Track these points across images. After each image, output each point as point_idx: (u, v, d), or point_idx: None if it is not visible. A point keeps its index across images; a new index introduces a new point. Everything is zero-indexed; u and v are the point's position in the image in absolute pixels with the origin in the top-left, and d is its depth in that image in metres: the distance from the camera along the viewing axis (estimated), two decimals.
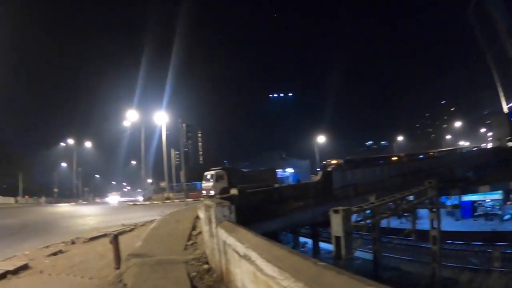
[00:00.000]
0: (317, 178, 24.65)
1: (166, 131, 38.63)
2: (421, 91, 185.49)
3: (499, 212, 41.80)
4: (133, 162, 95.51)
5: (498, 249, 23.71)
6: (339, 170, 28.80)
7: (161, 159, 40.33)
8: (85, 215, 25.47)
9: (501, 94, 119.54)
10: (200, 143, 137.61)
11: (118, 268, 7.20)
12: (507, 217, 40.43)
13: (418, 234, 22.00)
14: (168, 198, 41.20)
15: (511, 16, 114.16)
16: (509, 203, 42.34)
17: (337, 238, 13.53)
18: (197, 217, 12.71)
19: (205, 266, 6.55)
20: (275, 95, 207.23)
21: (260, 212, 17.06)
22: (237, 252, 4.12)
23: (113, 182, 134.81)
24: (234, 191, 17.62)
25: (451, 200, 39.59)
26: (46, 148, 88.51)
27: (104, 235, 12.42)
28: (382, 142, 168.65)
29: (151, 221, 16.73)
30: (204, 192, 33.46)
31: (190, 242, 9.08)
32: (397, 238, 24.20)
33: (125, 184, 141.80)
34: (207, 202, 6.75)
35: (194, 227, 11.27)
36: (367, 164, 40.87)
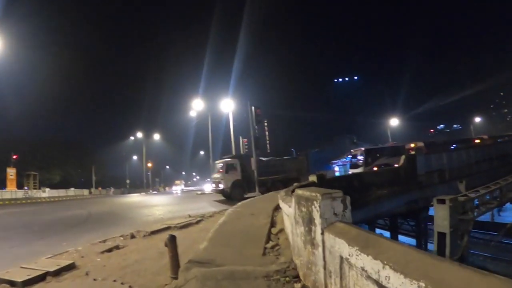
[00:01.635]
0: (400, 162, 21.95)
1: (234, 119, 37.32)
2: (494, 67, 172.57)
3: None
4: (201, 152, 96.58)
5: None
6: (422, 154, 25.85)
7: (229, 147, 38.91)
8: (152, 205, 25.07)
9: None
10: (266, 132, 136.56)
11: (175, 277, 5.45)
12: None
13: None
14: None
15: None
16: None
17: (441, 235, 11.48)
18: (276, 209, 10.86)
19: (297, 286, 4.48)
20: (340, 79, 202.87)
21: None
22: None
23: (183, 173, 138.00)
24: (313, 178, 15.50)
25: None
26: (118, 142, 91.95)
27: (168, 228, 11.65)
28: (454, 126, 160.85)
29: (220, 212, 15.50)
30: (213, 185, 29.08)
31: (270, 244, 6.85)
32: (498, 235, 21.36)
33: (194, 174, 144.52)
34: (301, 192, 4.55)
35: (273, 223, 9.12)
36: (451, 147, 37.47)
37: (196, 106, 44.70)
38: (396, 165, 27.90)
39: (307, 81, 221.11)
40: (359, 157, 34.87)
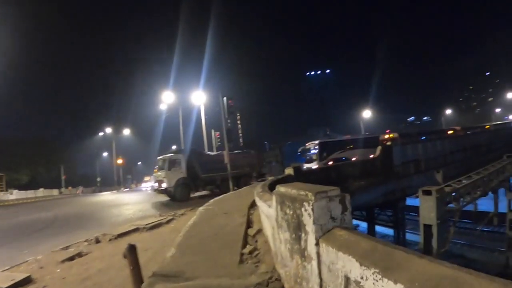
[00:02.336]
0: (376, 153, 21.62)
1: (206, 112, 36.20)
2: (464, 64, 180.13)
3: None
4: (174, 147, 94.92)
5: None
6: (399, 144, 25.63)
7: (202, 141, 37.83)
8: (122, 204, 24.16)
9: None
10: (239, 125, 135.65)
11: None
12: None
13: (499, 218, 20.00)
14: None
15: None
16: None
17: (427, 227, 11.21)
18: (251, 206, 10.05)
19: None
20: (312, 72, 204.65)
21: None
22: None
23: (155, 168, 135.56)
24: (289, 171, 14.80)
25: None
26: (87, 139, 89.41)
27: (136, 229, 11.04)
28: (424, 118, 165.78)
29: (192, 210, 14.62)
30: (155, 184, 25.75)
31: (248, 249, 5.95)
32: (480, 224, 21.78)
33: None
34: (284, 189, 3.68)
35: (249, 223, 8.24)
36: (425, 138, 37.54)
37: (166, 98, 42.95)
38: (353, 159, 28.31)
39: (280, 75, 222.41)
40: (312, 151, 34.37)
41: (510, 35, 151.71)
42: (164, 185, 23.45)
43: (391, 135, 41.44)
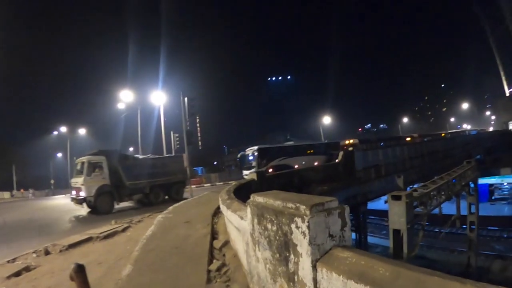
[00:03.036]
0: (338, 158, 21.59)
1: (166, 114, 35.00)
2: (420, 75, 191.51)
3: None
4: (131, 149, 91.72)
5: None
6: (360, 150, 25.82)
7: (161, 143, 36.58)
8: (75, 209, 21.51)
9: (503, 78, 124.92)
10: (198, 128, 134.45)
11: None
12: None
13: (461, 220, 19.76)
14: None
15: None
16: None
17: (396, 232, 10.99)
18: (215, 214, 9.39)
19: None
20: (274, 78, 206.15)
21: None
22: None
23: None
24: (253, 175, 14.25)
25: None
26: (41, 138, 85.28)
27: (89, 239, 10.07)
28: (381, 125, 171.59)
29: (150, 216, 13.79)
30: (73, 192, 21.33)
31: (215, 265, 5.19)
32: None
33: None
34: (263, 199, 3.00)
35: (214, 233, 7.49)
36: (384, 144, 38.14)
37: (125, 97, 40.13)
38: (296, 167, 28.03)
39: (242, 79, 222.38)
40: (250, 157, 32.80)
41: (464, 50, 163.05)
42: (82, 194, 19.65)
43: (351, 141, 42.14)
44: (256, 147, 31.71)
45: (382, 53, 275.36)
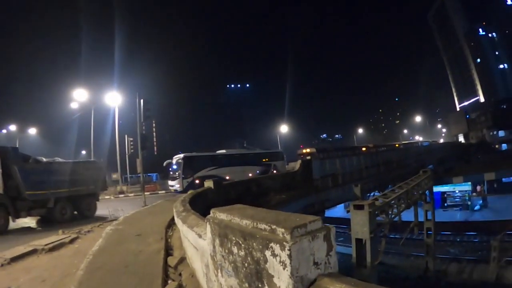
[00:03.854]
0: (296, 167, 21.49)
1: (121, 117, 33.64)
2: (375, 89, 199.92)
3: (468, 203, 43.02)
4: (83, 152, 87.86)
5: (497, 238, 22.07)
6: (318, 159, 25.80)
7: (115, 146, 35.04)
8: None
9: (455, 94, 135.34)
10: (154, 132, 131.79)
11: None
12: (477, 207, 41.95)
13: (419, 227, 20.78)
14: (121, 192, 36.14)
15: (470, 22, 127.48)
16: (474, 194, 45.10)
17: (359, 241, 11.06)
18: (169, 226, 8.72)
19: None
20: (232, 85, 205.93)
21: None
22: None
23: None
24: (209, 184, 13.68)
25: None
26: None
27: (34, 251, 9.05)
28: (336, 136, 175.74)
29: (100, 226, 12.88)
30: None
31: (171, 286, 4.53)
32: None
33: None
34: (227, 217, 2.41)
35: (168, 248, 6.80)
36: (341, 153, 38.45)
37: (79, 96, 37.63)
38: (227, 178, 27.47)
39: (201, 85, 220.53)
40: (174, 166, 30.30)
41: (419, 66, 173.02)
42: None
43: (308, 150, 42.17)
44: (181, 155, 29.11)
45: (339, 66, 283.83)
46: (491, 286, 19.82)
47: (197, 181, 26.90)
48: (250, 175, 26.52)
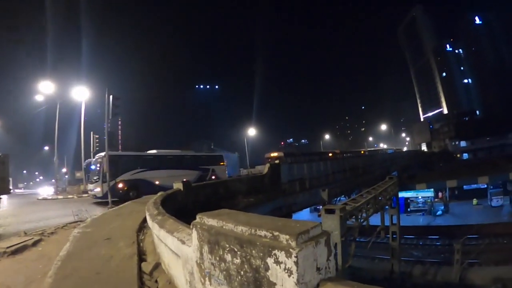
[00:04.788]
0: (264, 170, 21.44)
1: (87, 112, 32.29)
2: (343, 96, 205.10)
3: (431, 208, 45.07)
4: (46, 148, 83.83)
5: (459, 242, 22.91)
6: (286, 163, 25.89)
7: (85, 143, 33.44)
8: None
9: (419, 106, 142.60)
10: (120, 130, 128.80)
11: None
12: (439, 212, 44.01)
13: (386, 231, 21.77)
14: (85, 192, 33.26)
15: (438, 38, 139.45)
16: (436, 200, 47.00)
17: None
18: (141, 229, 8.37)
19: None
20: (201, 86, 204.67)
21: (208, 209, 13.30)
22: None
23: (24, 171, 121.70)
24: (178, 185, 13.49)
25: None
26: None
27: None
28: (302, 140, 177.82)
29: (64, 227, 12.24)
30: None
31: None
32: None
33: (37, 173, 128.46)
34: (219, 223, 2.32)
35: (141, 253, 6.36)
36: (308, 158, 38.72)
37: (44, 89, 34.61)
38: (157, 183, 25.30)
39: (170, 84, 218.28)
40: (92, 167, 26.50)
41: (387, 77, 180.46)
42: None
43: (276, 154, 42.34)
44: (102, 154, 23.57)
45: (308, 72, 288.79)
46: (455, 287, 20.69)
47: (120, 185, 23.46)
48: (185, 180, 23.00)
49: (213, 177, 30.67)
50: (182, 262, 3.38)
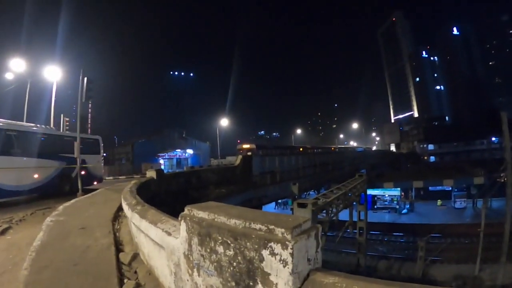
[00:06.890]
0: (236, 162, 21.54)
1: (57, 94, 30.99)
2: (316, 93, 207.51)
3: (397, 207, 46.17)
4: None
5: (423, 240, 23.86)
6: (258, 156, 26.04)
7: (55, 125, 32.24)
8: None
9: (391, 107, 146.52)
10: (89, 114, 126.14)
11: None
12: (404, 211, 45.29)
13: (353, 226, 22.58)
14: None
15: (415, 44, 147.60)
16: (402, 198, 47.59)
17: None
18: (116, 218, 8.22)
19: None
20: (176, 72, 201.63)
21: (180, 199, 13.65)
22: None
23: None
24: (151, 173, 13.43)
25: None
26: None
27: None
28: (273, 134, 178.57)
29: (32, 214, 11.94)
30: None
31: (128, 286, 4.04)
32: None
33: None
34: (209, 216, 2.53)
35: (118, 243, 6.21)
36: (280, 152, 38.96)
37: (15, 66, 31.32)
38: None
39: (142, 70, 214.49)
40: None
41: (360, 77, 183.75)
42: None
43: (248, 146, 42.43)
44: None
45: (283, 67, 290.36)
46: (418, 282, 21.16)
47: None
48: (36, 176, 17.09)
49: (83, 172, 19.47)
50: (166, 254, 3.41)
